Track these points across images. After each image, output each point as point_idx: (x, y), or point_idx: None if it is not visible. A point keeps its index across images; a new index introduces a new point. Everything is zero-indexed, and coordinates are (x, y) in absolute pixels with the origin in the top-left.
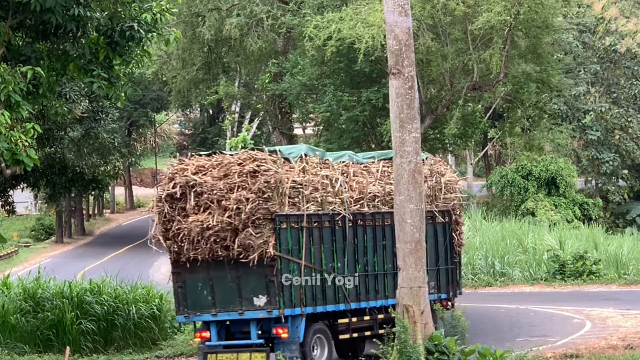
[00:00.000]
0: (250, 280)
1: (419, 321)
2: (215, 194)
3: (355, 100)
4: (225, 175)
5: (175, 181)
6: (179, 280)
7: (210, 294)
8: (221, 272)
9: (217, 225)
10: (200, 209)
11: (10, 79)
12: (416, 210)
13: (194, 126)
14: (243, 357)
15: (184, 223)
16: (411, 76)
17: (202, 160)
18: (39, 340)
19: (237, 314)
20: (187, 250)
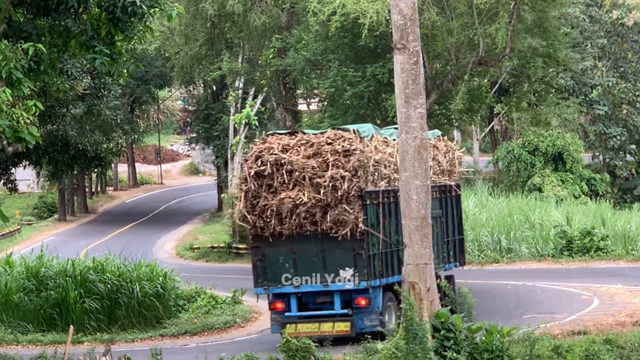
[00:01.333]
0: (336, 254)
1: (425, 298)
2: (306, 171)
3: (360, 75)
4: (315, 154)
5: (263, 159)
6: (259, 254)
7: (293, 267)
8: (305, 246)
9: (309, 202)
10: (290, 186)
11: (11, 55)
12: (422, 187)
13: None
14: (325, 326)
15: (272, 199)
16: (416, 51)
17: (285, 139)
18: (42, 319)
19: (321, 286)
20: (274, 225)
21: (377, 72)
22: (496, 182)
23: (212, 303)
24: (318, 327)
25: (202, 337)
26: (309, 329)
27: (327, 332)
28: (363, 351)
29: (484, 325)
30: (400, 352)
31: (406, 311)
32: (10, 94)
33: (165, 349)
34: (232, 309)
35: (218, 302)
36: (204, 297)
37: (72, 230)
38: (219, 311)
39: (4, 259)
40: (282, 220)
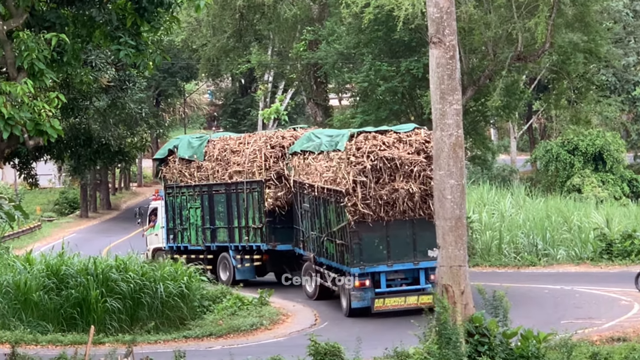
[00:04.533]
0: (425, 236)
1: (459, 302)
2: (415, 165)
3: (394, 70)
4: (419, 150)
5: (374, 156)
6: (356, 238)
7: (386, 248)
8: (398, 230)
9: (417, 192)
10: (395, 179)
11: (33, 46)
12: (457, 186)
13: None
14: (411, 299)
15: (381, 190)
16: (452, 45)
17: (379, 137)
18: (62, 319)
19: (412, 264)
20: (378, 212)
21: (412, 66)
22: (534, 182)
23: (238, 304)
24: (404, 300)
25: (227, 339)
26: (396, 302)
27: (413, 304)
28: (394, 355)
29: (519, 330)
30: (433, 356)
31: (439, 314)
32: (32, 86)
33: (190, 351)
34: (258, 310)
35: (244, 303)
36: (230, 297)
37: (94, 227)
38: (245, 312)
39: (24, 256)
40: (387, 208)
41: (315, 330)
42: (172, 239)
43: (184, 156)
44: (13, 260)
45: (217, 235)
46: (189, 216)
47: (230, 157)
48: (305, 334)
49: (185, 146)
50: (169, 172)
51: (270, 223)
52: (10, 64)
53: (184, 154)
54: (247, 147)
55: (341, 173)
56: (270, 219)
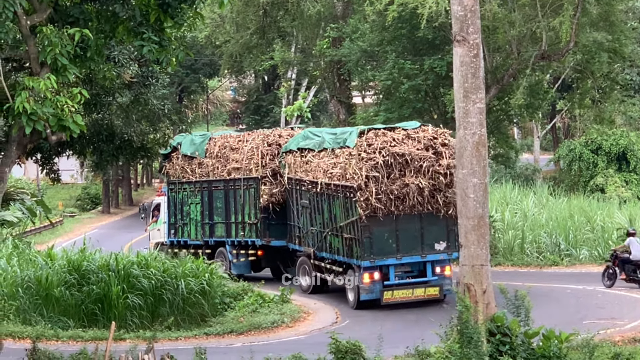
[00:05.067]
0: (432, 230)
1: (480, 301)
2: (424, 161)
3: (417, 68)
4: (427, 146)
5: (384, 152)
6: (367, 232)
7: (395, 242)
8: (407, 224)
9: (427, 187)
10: (405, 174)
11: (57, 41)
12: (479, 185)
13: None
14: (418, 291)
15: (392, 185)
16: (476, 44)
17: (388, 134)
18: (83, 315)
19: (419, 257)
20: (388, 207)
21: (435, 64)
22: (557, 182)
23: (260, 301)
24: (412, 292)
25: (248, 336)
26: (404, 294)
27: (420, 296)
28: (415, 354)
29: (541, 330)
30: (454, 355)
31: (461, 313)
32: (55, 81)
33: (210, 348)
34: (280, 307)
35: (265, 301)
36: (251, 295)
37: (116, 223)
38: (267, 310)
39: (46, 252)
40: (397, 203)
41: (336, 328)
42: (173, 234)
43: (187, 153)
44: (35, 255)
45: (215, 230)
46: (189, 211)
47: (229, 154)
48: (326, 332)
49: (188, 143)
50: (172, 169)
51: (265, 219)
52: (34, 59)
53: (187, 150)
54: (246, 144)
55: (352, 169)
56: (265, 215)
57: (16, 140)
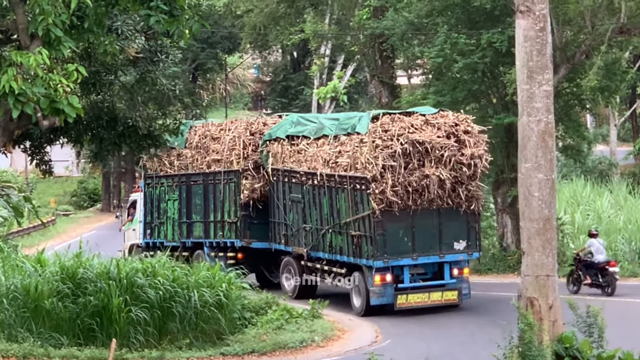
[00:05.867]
0: (451, 227)
1: (546, 318)
2: (445, 150)
3: (473, 43)
4: (449, 134)
5: (402, 139)
6: (380, 228)
7: (411, 240)
8: (424, 220)
9: (449, 179)
10: (424, 164)
11: (49, 9)
12: (546, 181)
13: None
14: (435, 295)
15: (410, 176)
16: (543, 15)
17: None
18: (79, 330)
19: (437, 257)
20: (405, 201)
21: (494, 39)
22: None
23: (286, 316)
24: (428, 296)
25: (272, 357)
26: (420, 299)
27: (437, 301)
28: None
29: (617, 353)
30: None
31: (523, 332)
32: (48, 56)
33: None
34: (309, 324)
35: (293, 316)
36: (276, 309)
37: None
38: (294, 326)
39: (35, 257)
40: (414, 196)
41: (375, 349)
42: (149, 234)
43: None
44: (22, 260)
45: (193, 230)
46: (166, 209)
47: (210, 144)
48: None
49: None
50: (149, 161)
51: (246, 218)
52: (22, 30)
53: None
54: (228, 134)
55: (364, 158)
56: (245, 213)
57: (1, 125)
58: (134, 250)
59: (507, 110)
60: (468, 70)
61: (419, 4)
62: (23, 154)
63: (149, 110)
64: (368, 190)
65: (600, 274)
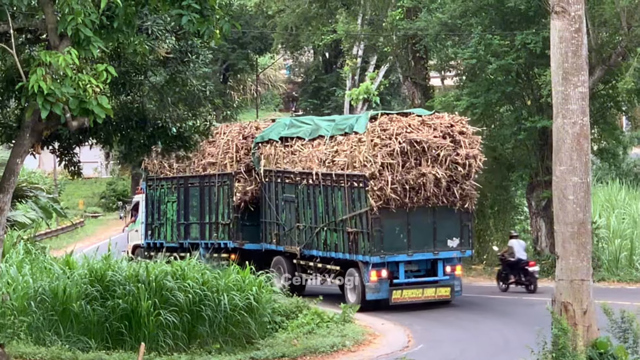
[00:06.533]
0: (445, 225)
1: (580, 323)
2: (442, 149)
3: (507, 45)
4: (445, 134)
5: (400, 138)
6: (378, 225)
7: (407, 237)
8: (419, 217)
9: (444, 177)
10: (420, 163)
11: (79, 8)
12: (580, 185)
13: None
14: (428, 291)
15: (407, 174)
16: (578, 16)
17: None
18: (107, 334)
19: (432, 254)
20: (402, 198)
21: (529, 40)
22: None
23: (317, 321)
24: (422, 292)
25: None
26: (414, 294)
27: (430, 297)
28: None
29: None
30: None
31: (557, 338)
32: (77, 56)
33: None
34: (340, 328)
35: (324, 320)
36: (307, 313)
37: None
38: (325, 331)
39: (63, 259)
40: (411, 194)
41: (408, 354)
42: (150, 235)
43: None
44: (50, 263)
45: (191, 231)
46: (166, 211)
47: (206, 147)
48: (395, 358)
49: None
50: (150, 163)
51: (238, 219)
52: (52, 30)
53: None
54: (223, 137)
55: (362, 156)
56: (237, 215)
57: (30, 126)
58: (137, 251)
59: (542, 112)
60: (502, 72)
61: (452, 5)
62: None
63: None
64: (366, 188)
65: (523, 273)
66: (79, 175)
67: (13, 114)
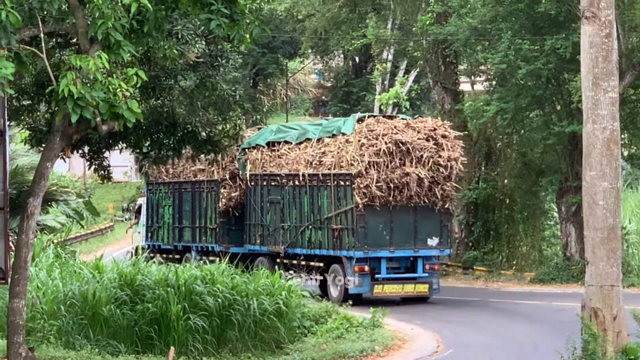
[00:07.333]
0: (426, 224)
1: (609, 329)
2: (425, 151)
3: (537, 49)
4: (428, 137)
5: (386, 139)
6: (362, 221)
7: (389, 234)
8: (402, 216)
9: (427, 178)
10: (405, 163)
11: (109, 13)
12: (610, 190)
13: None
14: (408, 287)
15: (392, 174)
16: (609, 21)
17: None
18: (136, 338)
19: (412, 252)
20: (386, 196)
21: (559, 45)
22: None
23: (346, 325)
24: (402, 288)
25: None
26: (394, 289)
27: (409, 293)
28: None
29: None
30: None
31: (587, 343)
32: (107, 60)
33: None
34: (370, 333)
35: (353, 325)
36: (336, 317)
37: None
38: (354, 336)
39: (93, 263)
40: (395, 193)
41: (437, 359)
42: (149, 237)
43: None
44: (80, 267)
45: (184, 234)
46: (163, 214)
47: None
48: None
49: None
50: (150, 168)
51: (224, 224)
52: (82, 34)
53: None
54: None
55: (349, 156)
56: (224, 220)
57: (60, 130)
58: (139, 252)
59: (572, 118)
60: (532, 77)
61: (482, 10)
62: (81, 159)
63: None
64: (352, 185)
65: None
66: (109, 179)
67: (43, 118)
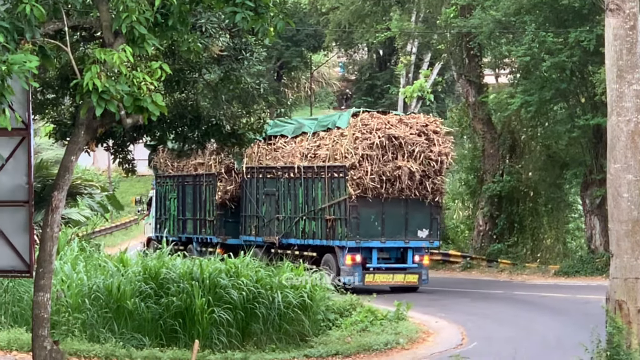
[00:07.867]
0: (416, 217)
1: (634, 321)
2: (417, 146)
3: (561, 42)
4: (420, 132)
5: (379, 133)
6: (355, 212)
7: (381, 225)
8: (393, 208)
9: (418, 171)
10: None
11: (134, 6)
12: (635, 183)
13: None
14: (398, 277)
15: (385, 167)
16: (633, 13)
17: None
18: (161, 331)
19: (402, 243)
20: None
21: (583, 38)
22: None
23: (370, 318)
24: (392, 277)
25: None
26: (385, 279)
27: (399, 282)
28: None
29: None
30: None
31: (612, 336)
32: (132, 54)
33: None
34: (394, 326)
35: (377, 318)
36: (361, 310)
37: None
38: (378, 329)
39: (117, 256)
40: (387, 186)
41: (462, 352)
42: (158, 229)
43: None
44: (104, 260)
45: (187, 226)
46: (169, 206)
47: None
48: (449, 356)
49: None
50: (158, 161)
51: (221, 216)
52: (106, 28)
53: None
54: None
55: (344, 148)
56: (221, 213)
57: (84, 123)
58: (150, 243)
59: (596, 110)
60: (556, 69)
61: (506, 2)
62: (106, 152)
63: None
64: (346, 177)
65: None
66: (133, 172)
67: (68, 111)
